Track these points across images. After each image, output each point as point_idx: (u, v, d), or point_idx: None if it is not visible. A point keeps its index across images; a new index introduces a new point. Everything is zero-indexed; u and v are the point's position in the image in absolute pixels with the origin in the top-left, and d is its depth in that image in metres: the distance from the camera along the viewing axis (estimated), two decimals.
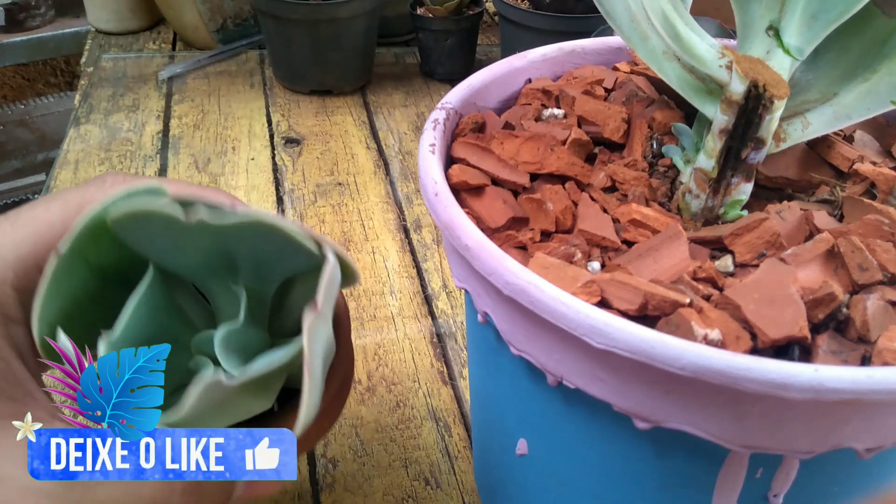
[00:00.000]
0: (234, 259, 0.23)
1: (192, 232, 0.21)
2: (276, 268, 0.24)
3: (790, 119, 0.24)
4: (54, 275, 0.21)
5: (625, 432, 0.20)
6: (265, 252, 0.23)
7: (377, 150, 0.62)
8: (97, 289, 0.23)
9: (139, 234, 0.22)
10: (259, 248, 0.22)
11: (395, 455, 0.37)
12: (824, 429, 0.18)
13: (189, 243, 0.22)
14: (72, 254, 0.21)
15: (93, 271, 0.21)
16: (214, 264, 0.24)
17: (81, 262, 0.22)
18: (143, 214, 0.21)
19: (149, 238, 0.22)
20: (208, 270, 0.24)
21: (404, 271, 0.49)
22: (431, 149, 0.24)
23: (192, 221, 0.20)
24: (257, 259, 0.23)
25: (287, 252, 0.22)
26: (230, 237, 0.21)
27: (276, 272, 0.24)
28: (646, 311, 0.19)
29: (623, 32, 0.24)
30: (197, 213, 0.20)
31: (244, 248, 0.22)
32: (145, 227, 0.22)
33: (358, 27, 0.66)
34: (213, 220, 0.20)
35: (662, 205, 0.24)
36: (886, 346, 0.18)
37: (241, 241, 0.22)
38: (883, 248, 0.20)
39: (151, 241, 0.23)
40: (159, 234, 0.22)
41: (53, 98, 1.05)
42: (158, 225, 0.21)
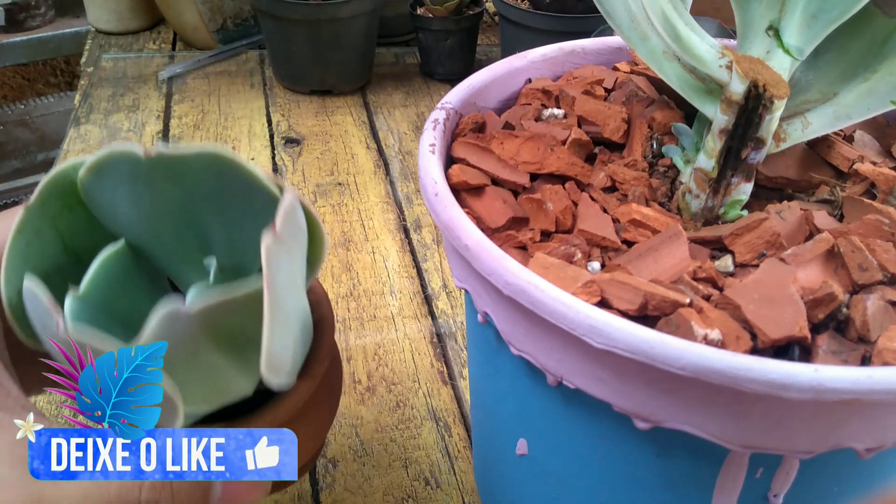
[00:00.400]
0: (199, 218, 0.23)
1: (154, 179, 0.21)
2: (242, 222, 0.23)
3: (790, 119, 0.24)
4: (20, 226, 0.21)
5: (625, 432, 0.20)
6: (228, 201, 0.22)
7: (377, 150, 0.62)
8: (69, 266, 0.23)
9: (105, 193, 0.22)
10: (221, 194, 0.22)
11: (395, 455, 0.37)
12: (824, 429, 0.18)
13: (153, 199, 0.22)
14: (39, 206, 0.21)
15: (63, 242, 0.20)
16: (181, 228, 0.23)
17: (48, 223, 0.22)
18: (107, 159, 0.21)
19: (114, 197, 0.22)
20: (175, 238, 0.24)
21: (404, 271, 0.49)
22: (431, 149, 0.24)
23: (151, 155, 0.21)
24: (221, 211, 0.23)
25: (250, 196, 0.21)
26: (189, 179, 0.22)
27: (242, 227, 0.23)
28: (646, 311, 0.19)
29: (623, 32, 0.24)
30: (155, 149, 0.21)
31: (205, 194, 0.22)
32: (111, 177, 0.22)
33: (358, 27, 0.66)
34: (171, 152, 0.21)
35: (662, 205, 0.24)
36: (886, 346, 0.18)
37: (201, 184, 0.22)
38: (883, 248, 0.20)
39: (117, 201, 0.22)
40: (124, 189, 0.22)
41: (53, 98, 1.05)
42: (122, 173, 0.21)
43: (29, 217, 0.21)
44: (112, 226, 0.23)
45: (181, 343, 0.20)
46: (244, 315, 0.20)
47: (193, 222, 0.24)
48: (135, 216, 0.23)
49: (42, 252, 0.21)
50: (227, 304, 0.19)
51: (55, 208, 0.22)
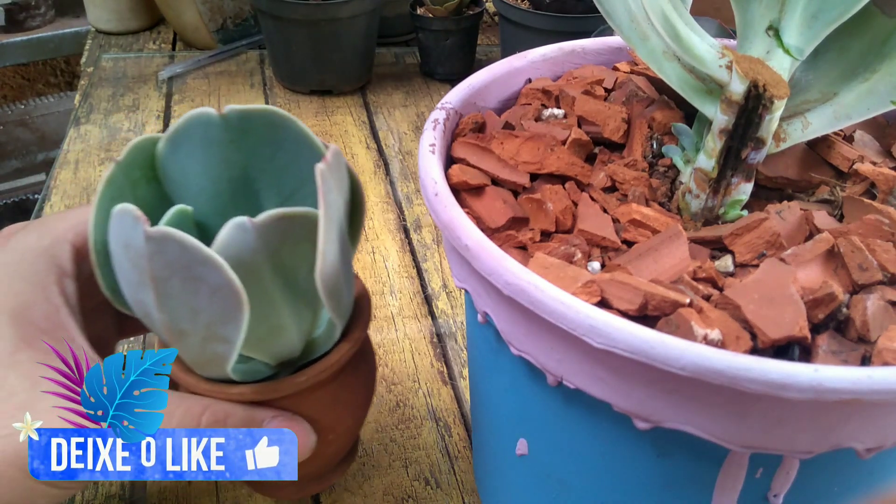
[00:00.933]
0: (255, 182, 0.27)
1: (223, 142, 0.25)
2: (292, 171, 0.26)
3: (790, 119, 0.24)
4: (110, 179, 0.24)
5: (625, 432, 0.20)
6: (281, 155, 0.25)
7: (377, 150, 0.62)
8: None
9: (179, 163, 0.25)
10: (276, 149, 0.26)
11: (395, 455, 0.37)
12: (824, 429, 0.18)
13: (219, 163, 0.26)
14: (125, 166, 0.24)
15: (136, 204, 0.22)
16: (239, 195, 0.26)
17: (129, 188, 0.25)
18: (184, 125, 0.25)
19: (186, 166, 0.26)
20: (233, 205, 0.26)
21: (404, 271, 0.49)
22: (431, 149, 0.24)
23: (224, 112, 0.25)
24: (275, 165, 0.26)
25: (300, 147, 0.25)
26: (251, 137, 0.25)
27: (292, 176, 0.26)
28: (646, 311, 0.19)
29: (623, 32, 0.24)
30: (227, 107, 0.25)
31: (263, 152, 0.26)
32: (186, 146, 0.25)
33: (358, 27, 0.66)
34: (240, 107, 0.25)
35: (662, 205, 0.24)
36: (886, 346, 0.18)
37: (260, 141, 0.25)
38: (883, 248, 0.20)
39: (188, 169, 0.26)
40: (197, 155, 0.25)
41: (53, 98, 1.05)
42: (196, 138, 0.25)
43: (116, 173, 0.24)
44: (181, 200, 0.26)
45: (247, 258, 0.22)
46: (299, 248, 0.23)
47: (252, 190, 0.27)
48: (202, 184, 0.26)
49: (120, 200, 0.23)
50: (285, 217, 0.22)
51: (136, 175, 0.25)
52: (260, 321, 0.23)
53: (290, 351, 0.26)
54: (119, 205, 0.21)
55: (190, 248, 0.20)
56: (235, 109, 0.24)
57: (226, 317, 0.22)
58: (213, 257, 0.21)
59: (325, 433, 0.27)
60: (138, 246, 0.21)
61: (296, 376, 0.26)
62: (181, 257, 0.21)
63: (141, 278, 0.22)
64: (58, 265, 0.25)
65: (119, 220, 0.22)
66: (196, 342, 0.23)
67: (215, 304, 0.22)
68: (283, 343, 0.25)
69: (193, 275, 0.21)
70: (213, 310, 0.22)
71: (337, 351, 0.27)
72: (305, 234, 0.22)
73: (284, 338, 0.25)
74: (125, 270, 0.23)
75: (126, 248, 0.22)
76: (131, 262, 0.22)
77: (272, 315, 0.24)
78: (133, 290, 0.23)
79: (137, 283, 0.22)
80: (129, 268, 0.22)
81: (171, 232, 0.20)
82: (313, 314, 0.26)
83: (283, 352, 0.26)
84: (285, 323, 0.25)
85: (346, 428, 0.29)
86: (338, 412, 0.28)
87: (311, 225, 0.22)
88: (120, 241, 0.22)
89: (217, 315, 0.22)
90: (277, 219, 0.21)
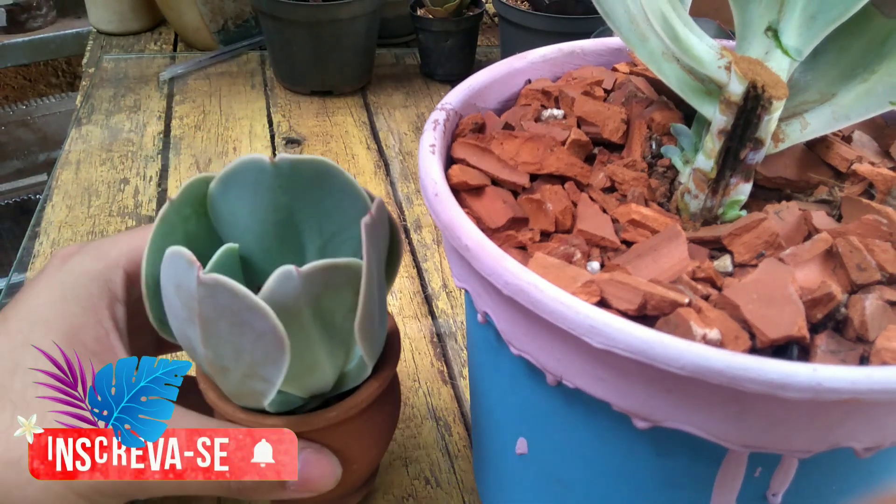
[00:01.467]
0: (301, 225, 0.28)
1: (272, 186, 0.26)
2: (336, 220, 0.27)
3: (789, 120, 0.24)
4: (164, 217, 0.25)
5: (624, 432, 0.20)
6: (327, 203, 0.27)
7: (377, 150, 0.62)
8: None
9: (229, 203, 0.27)
10: (322, 197, 0.27)
11: (395, 454, 0.37)
12: (823, 428, 0.18)
13: (268, 206, 0.27)
14: (178, 204, 0.26)
15: (188, 244, 0.23)
16: (285, 236, 0.28)
17: (181, 224, 0.26)
18: (237, 168, 0.26)
19: (235, 206, 0.27)
20: (279, 246, 0.28)
21: (404, 271, 0.49)
22: (431, 149, 0.24)
23: (276, 160, 0.25)
24: (320, 212, 0.27)
25: (345, 198, 0.26)
26: (299, 184, 0.26)
27: (336, 224, 0.28)
28: (645, 311, 0.19)
29: (622, 33, 0.24)
30: (279, 156, 0.26)
31: (310, 198, 0.27)
32: (237, 187, 0.26)
33: (358, 28, 0.66)
34: (290, 157, 0.26)
35: (661, 205, 0.24)
36: (885, 345, 0.18)
37: (308, 188, 0.27)
38: (881, 248, 0.20)
39: (237, 210, 0.27)
40: (246, 197, 0.27)
41: (55, 99, 1.05)
42: (248, 181, 0.26)
43: (170, 212, 0.26)
44: (228, 237, 0.28)
45: (291, 304, 0.23)
46: (339, 293, 0.24)
47: (295, 231, 0.28)
48: (249, 223, 0.27)
49: (173, 244, 0.24)
50: (329, 267, 0.23)
51: (187, 212, 0.26)
52: (297, 360, 0.24)
53: (323, 386, 0.27)
54: (173, 247, 0.23)
55: (240, 296, 0.22)
56: (287, 159, 0.25)
57: (268, 359, 0.23)
58: (261, 305, 0.22)
59: (350, 463, 0.28)
60: (190, 288, 0.22)
61: (327, 411, 0.27)
62: (231, 303, 0.22)
63: (189, 316, 0.23)
64: (110, 290, 0.27)
65: (173, 261, 0.23)
66: (237, 378, 0.24)
67: (259, 347, 0.23)
68: (317, 379, 0.26)
69: (241, 319, 0.22)
70: (256, 352, 0.23)
71: (367, 388, 0.28)
72: (346, 281, 0.23)
73: (319, 374, 0.26)
74: (174, 307, 0.24)
75: (178, 288, 0.23)
76: (182, 300, 0.23)
77: (309, 354, 0.25)
78: (180, 325, 0.24)
79: (185, 319, 0.23)
80: (178, 305, 0.23)
81: (222, 280, 0.21)
82: (346, 352, 0.27)
83: (316, 386, 0.27)
84: (320, 361, 0.26)
85: (370, 459, 0.30)
86: (363, 444, 0.29)
87: (352, 273, 0.23)
88: (172, 279, 0.23)
89: (260, 357, 0.23)
90: (322, 269, 0.23)
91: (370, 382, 0.28)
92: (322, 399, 0.28)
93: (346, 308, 0.24)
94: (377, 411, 0.29)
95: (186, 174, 0.58)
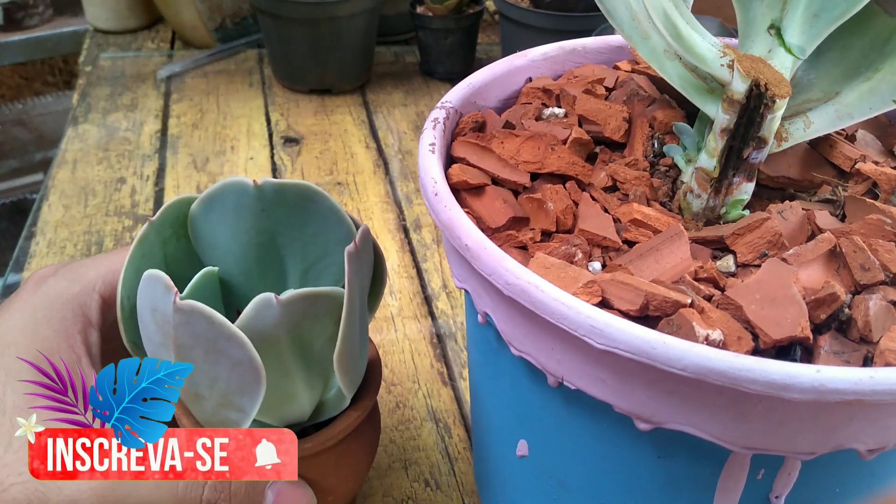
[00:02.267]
0: (283, 249, 0.27)
1: (255, 209, 0.26)
2: (319, 245, 0.27)
3: (792, 118, 0.24)
4: (143, 238, 0.25)
5: (626, 433, 0.20)
6: (311, 228, 0.26)
7: (377, 149, 0.62)
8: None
9: (210, 224, 0.26)
10: (306, 222, 0.26)
11: (394, 456, 0.37)
12: (826, 430, 0.18)
13: (250, 228, 0.26)
14: (158, 225, 0.25)
15: (167, 265, 0.23)
16: (266, 260, 0.27)
17: (160, 245, 0.26)
18: (220, 190, 0.25)
19: (217, 228, 0.26)
20: (259, 270, 0.27)
21: (404, 271, 0.49)
22: (431, 148, 0.24)
23: (259, 183, 0.25)
24: (303, 237, 0.27)
25: (329, 224, 0.26)
26: (283, 209, 0.26)
27: (319, 250, 0.27)
28: (647, 312, 0.19)
29: (624, 31, 0.24)
30: (263, 180, 0.25)
31: (293, 222, 0.26)
32: (219, 209, 0.26)
33: (357, 26, 0.66)
34: (274, 181, 0.25)
35: (664, 204, 0.24)
36: (888, 346, 0.18)
37: (292, 212, 0.26)
38: (885, 248, 0.20)
39: (218, 232, 0.26)
40: (228, 219, 0.26)
41: (51, 97, 1.05)
42: (230, 203, 0.26)
43: (149, 232, 0.25)
44: (208, 259, 0.27)
45: (269, 332, 0.22)
46: (319, 322, 0.23)
47: (277, 255, 0.27)
48: (230, 246, 0.27)
49: (151, 266, 0.24)
50: (309, 296, 0.22)
51: (167, 233, 0.26)
52: (273, 389, 0.23)
53: (299, 416, 0.27)
54: (151, 270, 0.22)
55: (216, 324, 0.21)
56: (270, 182, 0.25)
57: (243, 389, 0.23)
58: (238, 334, 0.21)
59: (325, 495, 0.28)
60: (166, 313, 0.22)
61: (302, 442, 0.26)
62: (207, 331, 0.21)
63: (164, 341, 0.23)
64: (84, 314, 0.26)
65: (150, 284, 0.22)
66: (211, 406, 0.24)
67: (234, 376, 0.22)
68: (293, 409, 0.26)
69: (217, 347, 0.22)
70: (231, 381, 0.23)
71: (345, 419, 0.27)
72: (327, 310, 0.23)
73: (295, 404, 0.26)
74: (150, 331, 0.23)
75: (153, 312, 0.23)
76: (157, 324, 0.23)
77: (286, 384, 0.25)
78: (155, 349, 0.24)
79: (160, 344, 0.23)
80: (154, 329, 0.23)
81: (199, 307, 0.21)
82: (325, 381, 0.27)
83: (292, 416, 0.26)
84: (298, 390, 0.25)
85: (347, 490, 0.30)
86: (340, 476, 0.28)
87: (333, 302, 0.23)
88: (148, 303, 0.23)
89: (235, 386, 0.23)
90: (303, 297, 0.22)
91: (348, 413, 0.27)
92: (299, 428, 0.27)
93: (326, 337, 0.24)
94: (355, 442, 0.28)
95: (184, 173, 0.58)
